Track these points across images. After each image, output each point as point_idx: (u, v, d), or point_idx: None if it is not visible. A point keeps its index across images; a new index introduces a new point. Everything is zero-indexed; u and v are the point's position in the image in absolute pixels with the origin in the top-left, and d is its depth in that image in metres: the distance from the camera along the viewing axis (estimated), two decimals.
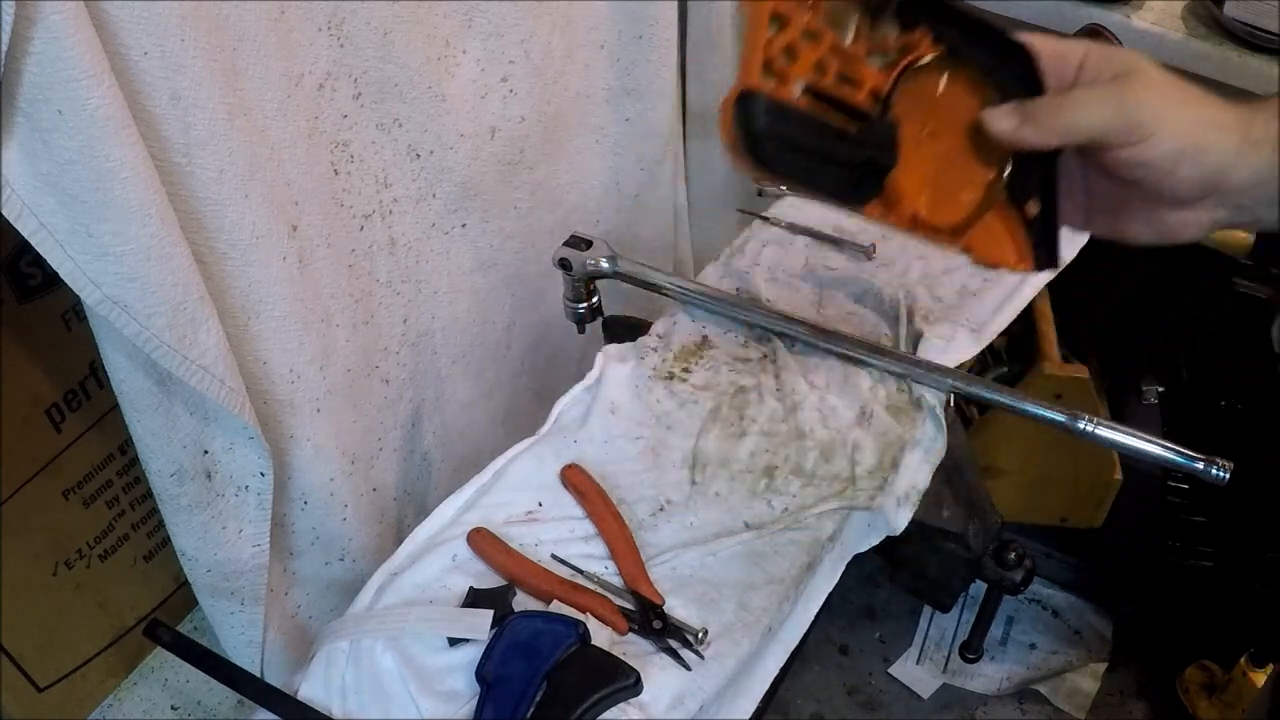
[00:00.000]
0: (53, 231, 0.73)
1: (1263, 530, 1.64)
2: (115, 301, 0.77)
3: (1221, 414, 1.74)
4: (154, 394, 0.88)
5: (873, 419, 1.02)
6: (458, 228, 1.19)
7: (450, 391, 1.28)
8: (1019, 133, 0.67)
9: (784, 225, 1.27)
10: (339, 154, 1.01)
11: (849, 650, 1.87)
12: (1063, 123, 0.66)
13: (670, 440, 1.02)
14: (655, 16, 1.28)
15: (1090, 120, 0.65)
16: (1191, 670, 1.72)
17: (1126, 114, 0.64)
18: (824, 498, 0.96)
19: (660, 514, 0.95)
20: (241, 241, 0.87)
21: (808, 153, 0.69)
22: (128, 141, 0.72)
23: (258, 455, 0.94)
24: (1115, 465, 1.63)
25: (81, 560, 1.14)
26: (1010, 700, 1.80)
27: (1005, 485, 1.66)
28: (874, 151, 0.70)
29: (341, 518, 1.08)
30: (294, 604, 1.12)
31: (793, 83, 0.68)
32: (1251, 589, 1.65)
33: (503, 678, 0.80)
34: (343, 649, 0.86)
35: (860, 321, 1.15)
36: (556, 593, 0.88)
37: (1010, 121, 0.67)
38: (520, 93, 1.18)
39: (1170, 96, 0.65)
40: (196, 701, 1.20)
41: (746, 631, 0.87)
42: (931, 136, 0.71)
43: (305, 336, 0.97)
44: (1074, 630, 1.89)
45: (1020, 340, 1.67)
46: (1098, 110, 0.65)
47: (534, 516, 0.96)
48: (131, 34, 0.74)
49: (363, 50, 0.98)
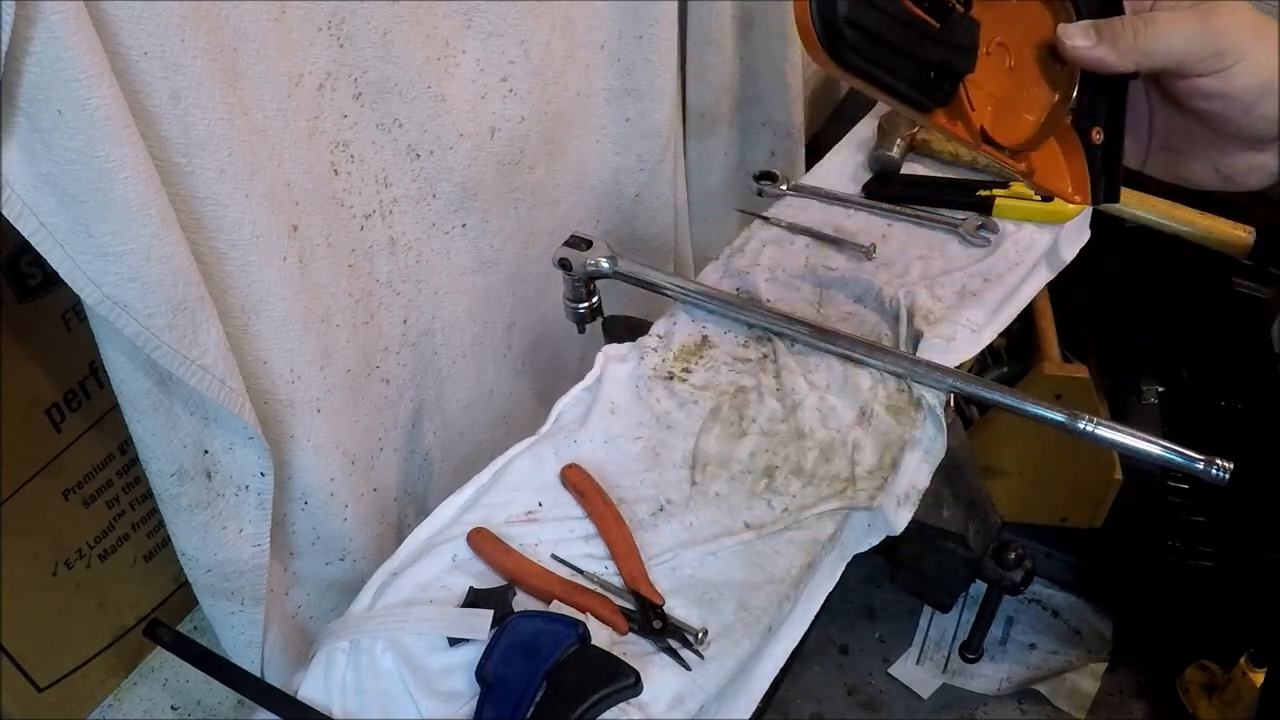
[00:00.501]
0: (53, 231, 0.73)
1: (1263, 530, 1.64)
2: (115, 301, 0.77)
3: (1221, 414, 1.74)
4: (154, 394, 0.88)
5: (873, 419, 1.02)
6: (458, 228, 1.19)
7: (450, 391, 1.28)
8: (1094, 52, 0.64)
9: (784, 225, 1.27)
10: (339, 154, 1.01)
11: (849, 650, 1.87)
12: (1143, 44, 0.62)
13: (670, 440, 1.02)
14: (655, 16, 1.28)
15: (1173, 44, 0.62)
16: (1191, 670, 1.72)
17: (1212, 40, 0.61)
18: (824, 498, 0.96)
19: (660, 514, 0.95)
20: (241, 241, 0.87)
21: (887, 45, 0.63)
22: (128, 141, 0.72)
23: (258, 455, 0.94)
24: (1115, 465, 1.63)
25: (81, 560, 1.14)
26: (1010, 700, 1.80)
27: (1005, 485, 1.66)
28: (954, 52, 0.65)
29: (341, 518, 1.08)
30: (294, 604, 1.12)
31: None
32: (1251, 589, 1.65)
33: (503, 678, 0.80)
34: (343, 649, 0.87)
35: (860, 321, 1.15)
36: (556, 593, 0.88)
37: (1087, 40, 0.64)
38: (520, 93, 1.18)
39: (1256, 28, 0.62)
40: (196, 701, 1.20)
41: (746, 631, 0.87)
42: (1001, 49, 0.67)
43: (305, 336, 0.97)
44: (1074, 630, 1.89)
45: (1020, 340, 1.67)
46: (1182, 33, 0.62)
47: (534, 516, 0.96)
48: (131, 34, 0.73)
49: (363, 50, 0.98)
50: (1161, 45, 0.62)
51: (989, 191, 1.27)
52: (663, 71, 1.34)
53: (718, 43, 1.45)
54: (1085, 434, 0.95)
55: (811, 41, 0.61)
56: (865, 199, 1.32)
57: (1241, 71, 0.61)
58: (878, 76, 0.64)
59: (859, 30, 0.61)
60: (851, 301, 1.17)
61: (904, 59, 0.64)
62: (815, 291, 1.19)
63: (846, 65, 0.63)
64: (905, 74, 0.65)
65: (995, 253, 1.22)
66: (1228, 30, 0.61)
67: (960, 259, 1.22)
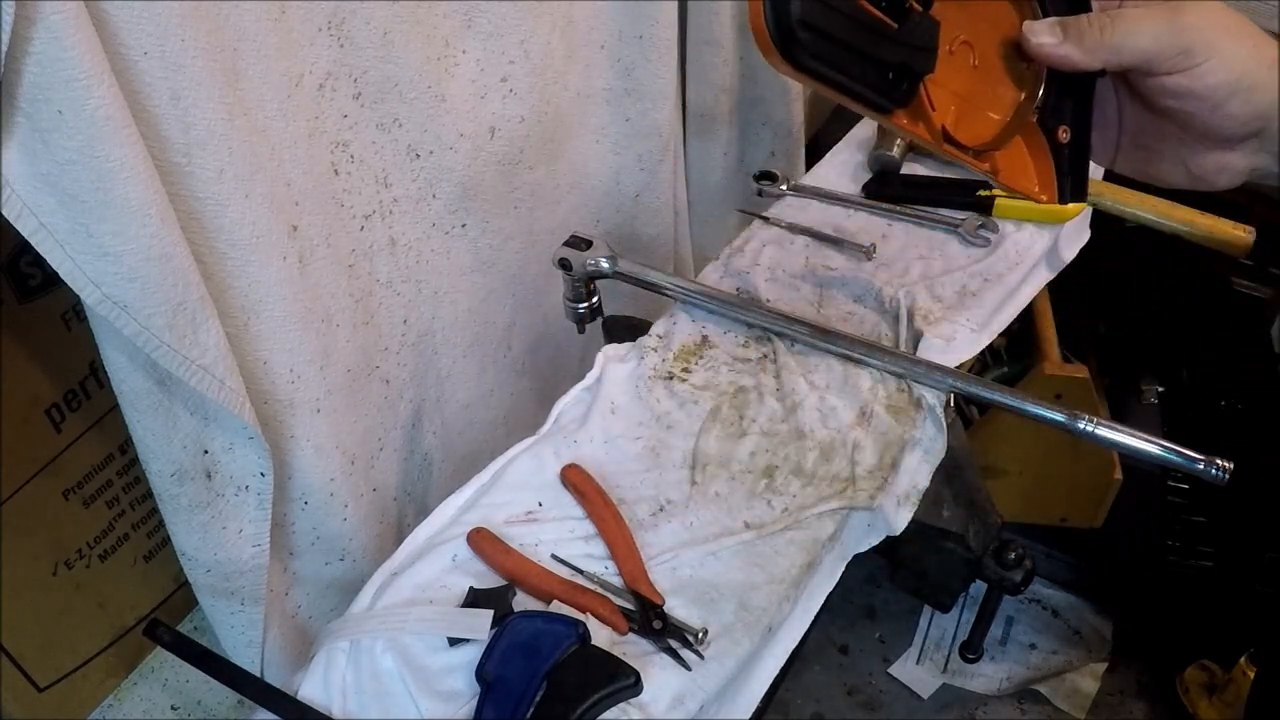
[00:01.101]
0: (53, 231, 0.73)
1: (1263, 530, 1.64)
2: (115, 301, 0.77)
3: (1221, 414, 1.74)
4: (154, 394, 0.88)
5: (873, 419, 1.02)
6: (458, 228, 1.19)
7: (450, 391, 1.28)
8: (1060, 50, 0.63)
9: (784, 225, 1.27)
10: (339, 154, 1.01)
11: (849, 650, 1.87)
12: (1110, 41, 0.62)
13: (670, 440, 1.02)
14: (655, 16, 1.28)
15: (1140, 41, 0.61)
16: (1191, 670, 1.72)
17: (1179, 37, 0.60)
18: (824, 498, 0.96)
19: (660, 514, 0.95)
20: (241, 241, 0.87)
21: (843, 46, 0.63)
22: (128, 141, 0.72)
23: (258, 455, 0.94)
24: (1115, 465, 1.63)
25: (81, 560, 1.14)
26: (1010, 700, 1.80)
27: (1005, 485, 1.66)
28: (913, 53, 0.65)
29: (341, 518, 1.08)
30: (294, 604, 1.12)
31: None
32: (1251, 589, 1.65)
33: (503, 678, 0.80)
34: (343, 649, 0.86)
35: (860, 321, 1.15)
36: (556, 593, 0.88)
37: (1052, 37, 0.63)
38: (520, 93, 1.18)
39: (1225, 26, 0.61)
40: (196, 701, 1.20)
41: (746, 631, 0.87)
42: (965, 47, 0.67)
43: (305, 336, 0.97)
44: (1074, 630, 1.89)
45: (1020, 340, 1.67)
46: (1150, 30, 0.61)
47: (534, 516, 0.96)
48: (131, 34, 0.73)
49: (363, 50, 0.98)
50: (1128, 42, 0.61)
51: (989, 191, 1.27)
52: (663, 71, 1.34)
53: (718, 43, 1.45)
54: (1085, 434, 0.95)
55: (766, 44, 0.61)
56: (865, 199, 1.32)
57: (1210, 70, 0.61)
58: (834, 78, 0.63)
59: (813, 32, 0.61)
60: (851, 301, 1.17)
61: (861, 60, 0.64)
62: (815, 291, 1.19)
63: (801, 67, 0.62)
64: (862, 75, 0.64)
65: (995, 253, 1.22)
66: (1196, 28, 0.61)
67: (960, 259, 1.22)
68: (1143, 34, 0.61)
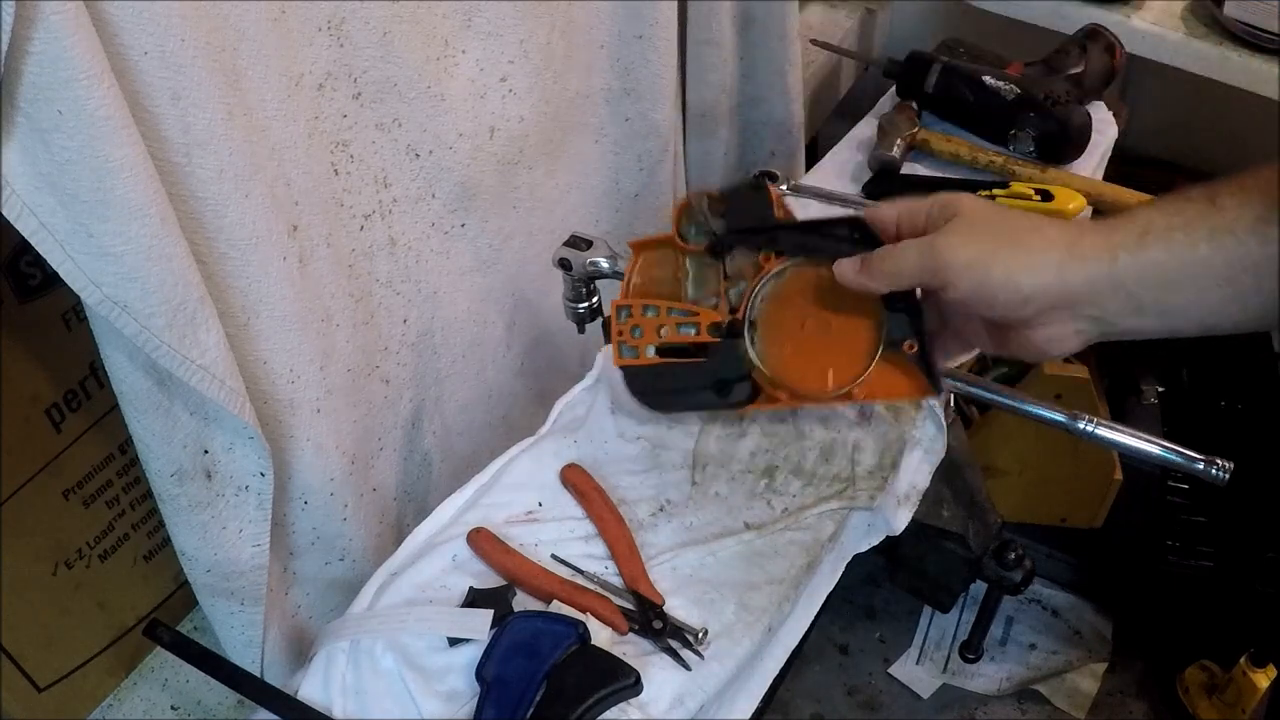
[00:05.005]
0: (53, 231, 0.73)
1: (1263, 530, 1.64)
2: (115, 301, 0.77)
3: (1221, 414, 1.74)
4: (154, 394, 0.88)
5: (873, 419, 1.02)
6: (457, 228, 1.19)
7: (450, 391, 1.28)
8: (859, 279, 0.76)
9: None
10: (339, 154, 1.01)
11: (849, 650, 1.87)
12: (888, 269, 0.75)
13: (670, 440, 1.02)
14: (655, 16, 1.28)
15: (904, 267, 0.74)
16: (1191, 670, 1.72)
17: (931, 259, 0.72)
18: (824, 498, 0.96)
19: (660, 514, 0.95)
20: (241, 241, 0.87)
21: (679, 391, 0.88)
22: (128, 141, 0.72)
23: (258, 455, 0.94)
24: (1115, 465, 1.63)
25: (81, 560, 1.14)
26: (1010, 700, 1.80)
27: (1005, 485, 1.66)
28: (724, 370, 0.85)
29: (341, 518, 1.08)
30: (294, 604, 1.12)
31: (644, 350, 0.88)
32: (1251, 589, 1.66)
33: (503, 678, 0.80)
34: (343, 649, 0.87)
35: None
36: (556, 593, 0.88)
37: (852, 270, 0.77)
38: (520, 93, 1.18)
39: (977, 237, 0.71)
40: (196, 701, 1.20)
41: (746, 631, 0.87)
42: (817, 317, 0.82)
43: (305, 336, 0.97)
44: (1074, 630, 1.89)
45: None
46: (910, 258, 0.73)
47: (534, 516, 0.96)
48: (131, 34, 0.73)
49: (363, 50, 0.98)
50: (898, 267, 0.74)
51: (989, 192, 1.27)
52: (663, 71, 1.34)
53: (718, 43, 1.45)
54: (1085, 434, 0.95)
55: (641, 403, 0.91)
56: (865, 199, 1.32)
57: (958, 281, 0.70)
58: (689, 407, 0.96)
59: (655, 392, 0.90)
60: None
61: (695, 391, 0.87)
62: None
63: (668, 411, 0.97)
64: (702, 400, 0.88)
65: None
66: (947, 248, 0.71)
67: None
68: (906, 262, 0.74)
